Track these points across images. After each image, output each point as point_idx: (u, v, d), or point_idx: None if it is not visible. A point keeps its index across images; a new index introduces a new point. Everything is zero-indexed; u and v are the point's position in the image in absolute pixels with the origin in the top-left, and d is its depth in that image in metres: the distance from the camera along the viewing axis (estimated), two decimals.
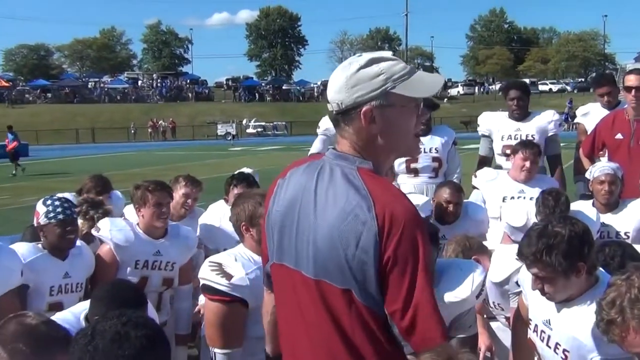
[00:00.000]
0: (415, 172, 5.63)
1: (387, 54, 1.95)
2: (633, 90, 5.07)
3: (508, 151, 5.61)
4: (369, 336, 1.85)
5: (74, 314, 2.82)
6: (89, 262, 3.82)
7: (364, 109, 1.86)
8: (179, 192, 4.53)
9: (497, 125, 5.79)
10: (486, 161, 5.91)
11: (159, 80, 71.13)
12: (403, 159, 5.48)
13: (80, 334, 1.74)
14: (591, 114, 6.04)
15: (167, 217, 3.96)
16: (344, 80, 1.88)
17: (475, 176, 5.12)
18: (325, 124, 6.26)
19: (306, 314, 1.93)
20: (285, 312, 2.04)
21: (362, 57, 1.91)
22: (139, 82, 72.20)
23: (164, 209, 3.92)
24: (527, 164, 4.80)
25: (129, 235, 3.89)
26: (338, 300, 1.85)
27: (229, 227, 3.48)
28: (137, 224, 3.98)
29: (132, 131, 50.45)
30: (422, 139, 5.50)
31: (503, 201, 4.79)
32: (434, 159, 5.62)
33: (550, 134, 5.70)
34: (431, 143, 5.63)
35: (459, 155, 6.01)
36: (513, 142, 5.50)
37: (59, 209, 3.56)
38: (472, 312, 2.97)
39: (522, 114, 5.71)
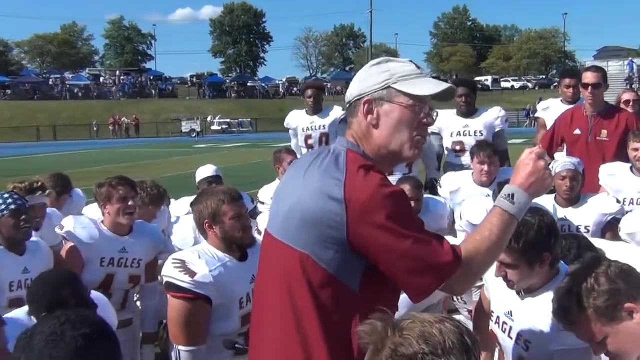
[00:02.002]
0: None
1: (405, 60, 2.09)
2: (590, 88, 5.19)
3: (458, 147, 5.77)
4: (316, 302, 1.91)
5: (25, 312, 2.78)
6: (47, 256, 3.78)
7: (365, 99, 2.00)
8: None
9: (446, 122, 5.89)
10: (438, 158, 6.05)
11: (121, 77, 70.16)
12: None
13: (22, 333, 1.71)
14: (551, 109, 6.18)
15: (133, 212, 3.92)
16: (358, 76, 2.07)
17: (440, 186, 5.15)
18: (287, 119, 6.77)
19: (272, 275, 2.03)
20: (260, 274, 2.16)
21: (381, 58, 2.08)
22: (101, 79, 71.04)
23: (130, 204, 3.88)
24: (486, 167, 4.89)
25: (93, 232, 3.86)
26: (295, 263, 1.92)
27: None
28: (102, 221, 3.94)
29: (95, 128, 49.69)
30: None
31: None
32: None
33: (497, 130, 5.87)
34: None
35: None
36: (462, 138, 5.70)
37: (10, 200, 3.53)
38: (440, 307, 3.01)
39: (469, 111, 5.88)
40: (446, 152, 6.01)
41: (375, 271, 1.91)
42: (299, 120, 6.77)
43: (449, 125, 5.88)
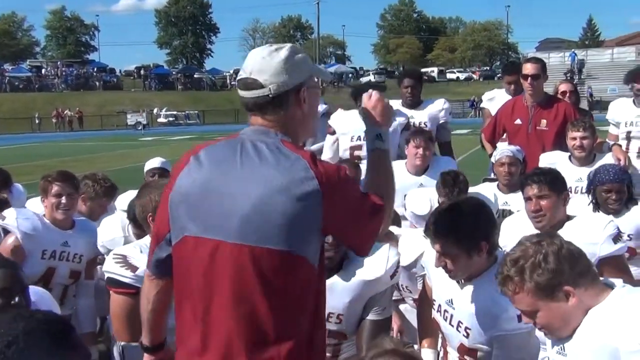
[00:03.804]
0: (358, 159, 5.48)
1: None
2: (529, 78, 5.30)
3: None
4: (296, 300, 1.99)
5: None
6: None
7: (301, 90, 2.08)
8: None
9: None
10: None
11: (64, 69, 68.43)
12: (348, 146, 5.53)
13: None
14: (496, 99, 6.30)
15: (68, 209, 3.90)
16: (280, 64, 2.04)
17: None
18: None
19: (225, 282, 1.95)
20: (195, 285, 2.02)
21: (284, 46, 2.11)
22: (43, 70, 69.19)
23: (64, 200, 3.85)
24: (420, 150, 4.90)
25: (36, 223, 3.83)
26: (273, 261, 1.93)
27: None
28: (44, 215, 3.93)
29: (37, 121, 48.42)
30: None
31: (404, 199, 4.87)
32: None
33: (441, 122, 5.91)
34: None
35: None
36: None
37: None
38: (388, 294, 3.03)
39: (414, 102, 5.88)
40: None
41: (323, 247, 2.08)
42: None
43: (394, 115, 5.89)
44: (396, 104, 5.98)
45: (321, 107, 6.25)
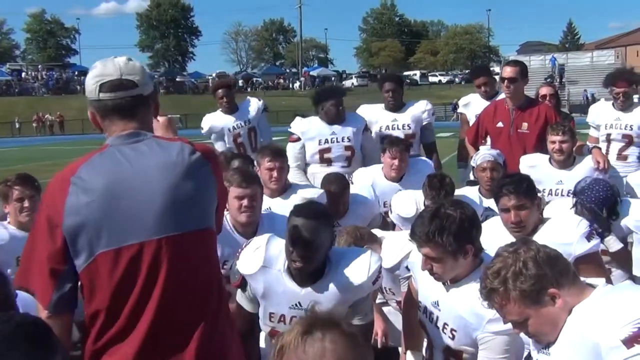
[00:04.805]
0: (328, 161, 5.58)
1: None
2: (506, 81, 5.33)
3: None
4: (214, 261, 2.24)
5: None
6: None
7: (156, 94, 2.28)
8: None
9: (375, 117, 5.94)
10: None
11: (44, 72, 67.83)
12: (316, 150, 5.54)
13: None
14: (472, 104, 6.34)
15: (32, 211, 3.75)
16: (142, 69, 2.22)
17: (352, 182, 5.08)
18: (206, 123, 6.52)
19: (160, 275, 2.01)
20: (129, 291, 2.02)
21: (129, 56, 2.25)
22: (23, 74, 68.55)
23: (26, 204, 3.76)
24: (396, 162, 4.91)
25: (2, 233, 3.73)
26: (196, 241, 2.09)
27: None
28: (8, 222, 3.83)
29: (17, 125, 47.95)
30: (334, 128, 5.56)
31: (384, 206, 4.87)
32: (347, 148, 5.58)
33: (424, 123, 5.97)
34: (343, 132, 5.59)
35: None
36: (391, 132, 5.73)
37: None
38: (369, 299, 3.04)
39: (397, 105, 5.94)
40: None
41: None
42: (221, 121, 6.64)
43: (378, 119, 5.92)
44: (379, 108, 6.03)
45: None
